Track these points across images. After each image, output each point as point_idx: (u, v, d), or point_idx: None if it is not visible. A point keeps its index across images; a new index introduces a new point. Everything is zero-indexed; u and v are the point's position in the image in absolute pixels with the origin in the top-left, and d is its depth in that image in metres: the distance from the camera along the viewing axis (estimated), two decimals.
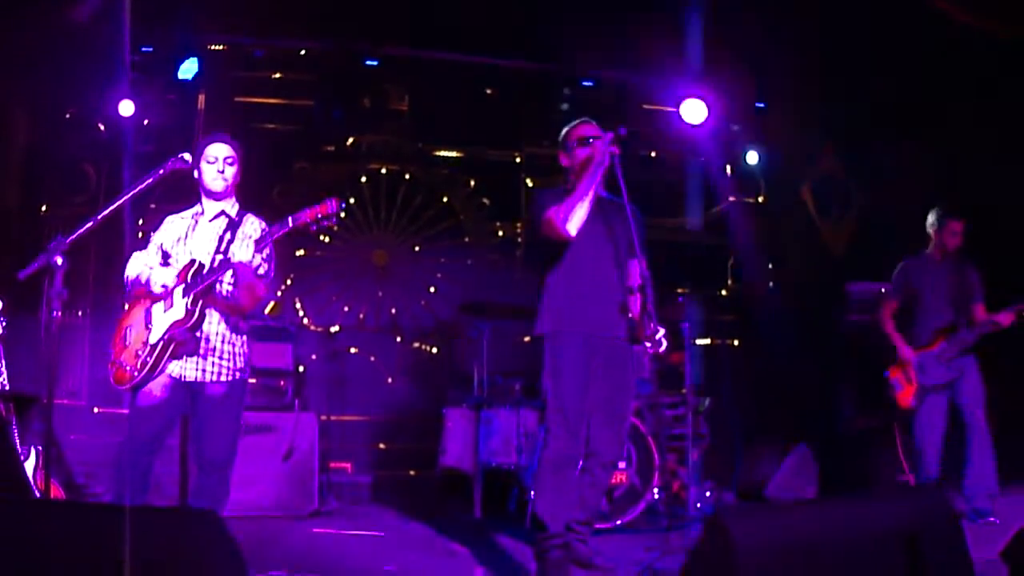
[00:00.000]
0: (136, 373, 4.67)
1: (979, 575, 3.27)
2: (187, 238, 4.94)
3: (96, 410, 8.61)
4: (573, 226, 5.04)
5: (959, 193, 8.58)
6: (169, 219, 5.08)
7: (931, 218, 7.43)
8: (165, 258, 4.94)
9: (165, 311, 4.73)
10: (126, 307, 4.95)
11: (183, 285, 4.73)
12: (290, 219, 4.56)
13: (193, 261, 4.80)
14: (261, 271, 4.84)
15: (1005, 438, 7.16)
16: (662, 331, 5.02)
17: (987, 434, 7.06)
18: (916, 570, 3.03)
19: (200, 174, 4.95)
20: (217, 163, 4.94)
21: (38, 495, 5.18)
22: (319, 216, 4.48)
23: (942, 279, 7.34)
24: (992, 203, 8.17)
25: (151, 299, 4.81)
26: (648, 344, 5.00)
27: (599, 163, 5.09)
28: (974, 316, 7.24)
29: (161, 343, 4.68)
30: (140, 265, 4.92)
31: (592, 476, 5.24)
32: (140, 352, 4.70)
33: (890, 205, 9.65)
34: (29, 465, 5.45)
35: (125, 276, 4.96)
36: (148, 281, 4.81)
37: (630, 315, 5.20)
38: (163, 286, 4.75)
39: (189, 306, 4.68)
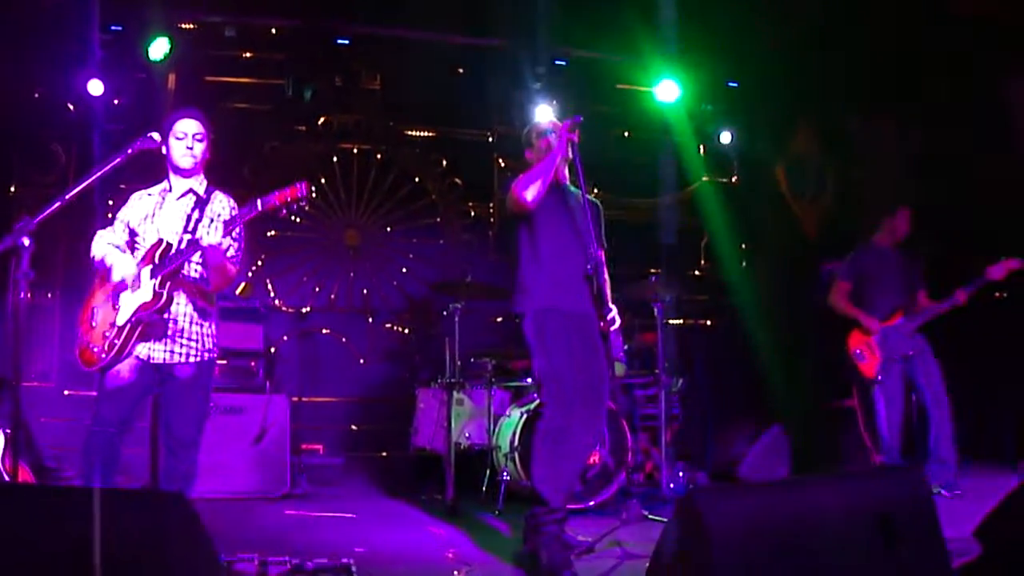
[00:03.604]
0: (104, 355, 4.62)
1: (952, 553, 3.27)
2: (154, 216, 4.86)
3: (66, 392, 8.54)
4: (531, 194, 5.13)
5: (934, 170, 8.64)
6: (136, 196, 5.00)
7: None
8: (132, 236, 4.88)
9: (132, 292, 4.67)
10: (94, 285, 4.89)
11: (151, 266, 4.66)
12: (259, 202, 4.50)
13: (160, 241, 4.72)
14: (231, 252, 4.78)
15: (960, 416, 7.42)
16: (614, 311, 5.31)
17: (947, 407, 7.32)
18: (889, 549, 3.03)
19: (168, 150, 4.86)
20: (186, 139, 4.85)
21: (7, 478, 5.14)
22: (288, 199, 4.43)
23: (893, 266, 7.69)
24: (966, 178, 8.25)
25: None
26: (602, 324, 5.14)
27: (557, 150, 5.25)
28: (918, 302, 7.59)
29: (129, 325, 4.61)
30: (105, 246, 4.85)
31: None
32: (108, 334, 4.65)
33: (864, 184, 9.68)
34: None
35: (92, 255, 4.90)
36: (110, 270, 4.75)
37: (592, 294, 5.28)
38: (123, 279, 4.69)
39: (157, 288, 4.62)
